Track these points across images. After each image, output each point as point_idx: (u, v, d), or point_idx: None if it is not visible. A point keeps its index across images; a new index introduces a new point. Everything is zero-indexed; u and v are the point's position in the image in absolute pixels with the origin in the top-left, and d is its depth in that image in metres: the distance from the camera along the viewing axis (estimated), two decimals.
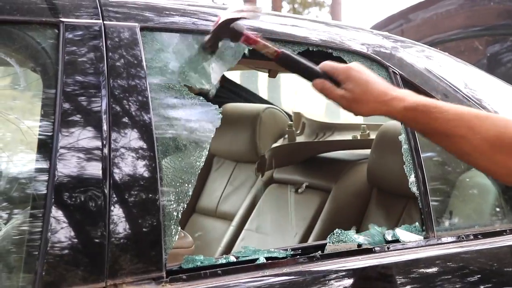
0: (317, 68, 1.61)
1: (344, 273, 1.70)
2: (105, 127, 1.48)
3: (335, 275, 1.68)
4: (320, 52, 1.89)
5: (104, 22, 1.56)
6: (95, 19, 1.55)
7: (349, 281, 1.70)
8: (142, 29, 1.61)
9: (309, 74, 1.62)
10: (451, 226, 1.95)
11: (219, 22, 1.61)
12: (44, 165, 1.42)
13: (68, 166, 1.42)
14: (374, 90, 1.56)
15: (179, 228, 1.54)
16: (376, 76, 1.61)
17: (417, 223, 1.89)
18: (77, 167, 1.43)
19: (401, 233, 1.85)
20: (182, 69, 1.64)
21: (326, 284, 1.66)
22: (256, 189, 3.30)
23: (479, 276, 1.88)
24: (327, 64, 1.62)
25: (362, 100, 1.56)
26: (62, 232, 1.39)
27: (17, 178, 1.52)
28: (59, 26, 1.50)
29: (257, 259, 1.61)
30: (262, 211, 3.18)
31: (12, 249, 1.50)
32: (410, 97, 1.55)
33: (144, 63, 1.57)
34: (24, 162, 1.51)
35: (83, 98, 1.48)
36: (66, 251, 1.38)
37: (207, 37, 1.64)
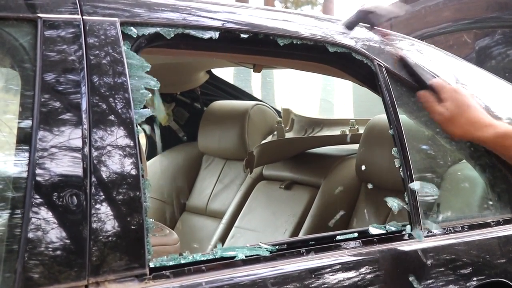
0: (428, 80, 1.82)
1: (330, 268, 1.68)
2: (85, 125, 1.45)
3: (322, 270, 1.67)
4: (304, 44, 1.88)
5: (83, 17, 1.53)
6: (74, 15, 1.53)
7: (335, 275, 1.68)
8: (122, 24, 1.59)
9: (418, 82, 1.85)
10: (438, 218, 1.93)
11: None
12: (24, 163, 1.40)
13: (48, 164, 1.40)
14: (471, 115, 1.70)
15: (165, 225, 1.52)
16: (478, 104, 1.75)
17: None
18: (57, 165, 1.41)
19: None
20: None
21: (313, 278, 1.64)
22: (245, 186, 3.29)
23: (467, 267, 1.87)
24: (437, 81, 1.80)
25: (457, 121, 1.71)
26: (42, 230, 1.37)
27: None
28: (37, 22, 1.48)
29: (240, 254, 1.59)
30: (252, 208, 3.17)
31: None
32: (503, 126, 1.68)
33: (125, 59, 1.55)
34: (2, 161, 1.49)
35: (62, 95, 1.46)
36: (47, 250, 1.36)
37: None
